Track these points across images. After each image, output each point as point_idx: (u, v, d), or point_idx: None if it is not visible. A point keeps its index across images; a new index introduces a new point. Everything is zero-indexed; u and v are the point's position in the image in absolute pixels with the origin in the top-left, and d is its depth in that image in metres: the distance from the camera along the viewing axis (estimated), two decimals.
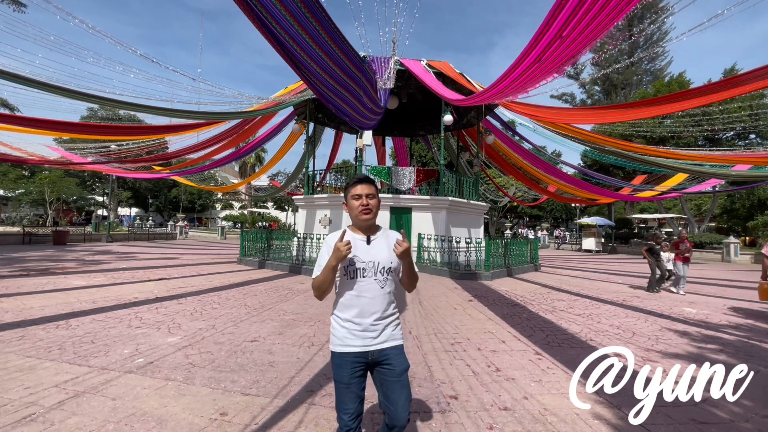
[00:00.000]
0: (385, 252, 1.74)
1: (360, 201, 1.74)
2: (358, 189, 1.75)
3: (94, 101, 7.61)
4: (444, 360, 3.88)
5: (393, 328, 1.77)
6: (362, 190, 1.74)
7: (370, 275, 1.72)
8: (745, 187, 21.10)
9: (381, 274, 1.72)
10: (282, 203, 44.06)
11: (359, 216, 1.75)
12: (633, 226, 31.10)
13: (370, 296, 1.71)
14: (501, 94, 7.55)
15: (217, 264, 11.87)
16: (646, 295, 8.44)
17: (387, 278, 1.74)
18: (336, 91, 6.47)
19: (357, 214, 1.75)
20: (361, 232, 1.79)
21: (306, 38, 4.71)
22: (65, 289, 6.91)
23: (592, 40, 4.55)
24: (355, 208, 1.75)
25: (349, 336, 1.70)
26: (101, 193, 37.73)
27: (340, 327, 1.74)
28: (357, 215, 1.76)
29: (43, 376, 3.15)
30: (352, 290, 1.72)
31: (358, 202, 1.74)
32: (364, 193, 1.74)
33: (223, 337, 4.36)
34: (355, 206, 1.75)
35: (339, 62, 5.57)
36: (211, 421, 2.53)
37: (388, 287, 1.75)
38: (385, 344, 1.72)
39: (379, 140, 18.37)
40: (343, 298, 1.75)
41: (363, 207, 1.73)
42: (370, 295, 1.71)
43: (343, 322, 1.73)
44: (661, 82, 28.92)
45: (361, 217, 1.74)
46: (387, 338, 1.73)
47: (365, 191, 1.74)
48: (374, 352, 1.71)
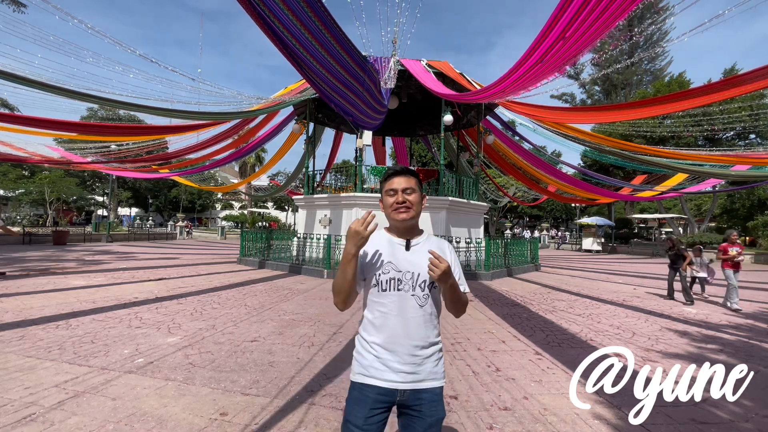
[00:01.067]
0: (427, 262, 1.35)
1: (395, 198, 1.41)
2: (394, 183, 1.42)
3: (94, 101, 7.61)
4: (444, 360, 3.87)
5: (435, 363, 1.38)
6: (398, 184, 1.41)
7: (407, 289, 1.36)
8: (745, 187, 21.12)
9: (421, 289, 1.37)
10: (282, 203, 44.06)
11: (393, 215, 1.42)
12: (633, 226, 31.12)
13: (406, 317, 1.35)
14: (502, 94, 7.55)
15: (217, 264, 11.87)
16: (646, 295, 8.44)
17: (428, 295, 1.38)
18: (339, 91, 6.47)
19: (390, 212, 1.42)
20: (399, 234, 1.46)
21: (309, 39, 4.71)
22: (65, 289, 6.91)
23: (594, 40, 4.55)
24: (390, 205, 1.42)
25: (377, 365, 1.33)
26: (101, 193, 37.74)
27: (366, 352, 1.37)
28: (390, 214, 1.43)
29: (43, 376, 3.15)
30: (383, 307, 1.36)
31: (392, 198, 1.41)
32: (401, 188, 1.40)
33: (223, 337, 4.36)
34: (389, 203, 1.42)
35: (343, 62, 5.57)
36: (211, 421, 2.53)
37: (429, 307, 1.38)
38: (422, 384, 1.33)
39: (379, 140, 18.36)
40: (371, 314, 1.39)
41: (398, 204, 1.40)
42: (406, 315, 1.35)
43: (369, 347, 1.36)
44: (661, 82, 28.95)
45: (395, 217, 1.41)
46: (426, 376, 1.35)
47: (402, 185, 1.40)
48: (406, 393, 1.32)
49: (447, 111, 11.20)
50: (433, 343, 1.40)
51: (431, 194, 12.42)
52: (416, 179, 1.45)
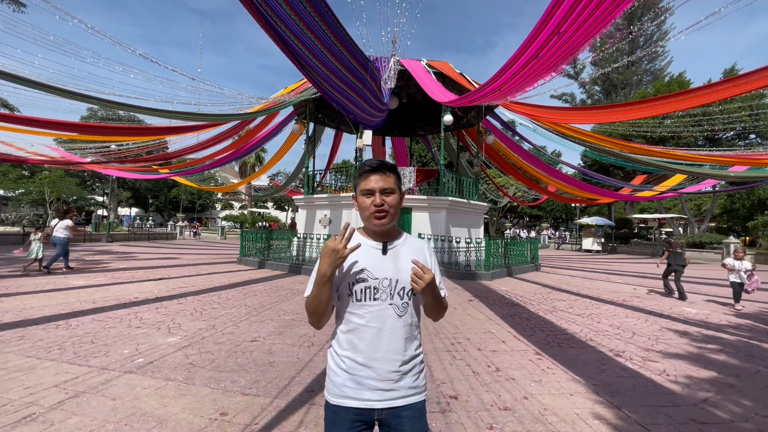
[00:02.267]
0: (406, 267, 1.24)
1: (372, 200, 1.24)
2: (370, 181, 1.24)
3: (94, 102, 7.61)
4: (444, 360, 3.88)
5: (414, 377, 1.25)
6: (376, 183, 1.24)
7: (384, 298, 1.23)
8: (745, 187, 21.13)
9: (400, 297, 1.24)
10: (282, 203, 44.07)
11: (369, 220, 1.26)
12: (633, 226, 31.12)
13: (384, 329, 1.21)
14: (498, 93, 7.50)
15: (217, 264, 11.87)
16: (645, 295, 8.44)
17: (408, 303, 1.25)
18: (341, 90, 6.49)
19: (367, 216, 1.26)
20: (375, 237, 1.31)
21: (312, 39, 4.72)
22: (65, 289, 6.91)
23: (590, 38, 4.56)
24: (366, 208, 1.25)
25: (349, 384, 1.20)
26: (101, 193, 37.75)
27: (338, 369, 1.24)
28: (367, 218, 1.26)
29: (43, 376, 3.15)
30: (358, 318, 1.23)
31: (369, 200, 1.24)
32: (378, 187, 1.23)
33: (223, 337, 4.36)
34: (365, 205, 1.25)
35: (345, 62, 5.58)
36: (211, 421, 2.53)
37: (409, 317, 1.26)
38: (400, 401, 1.21)
39: (379, 140, 18.36)
40: (345, 327, 1.25)
41: (376, 207, 1.23)
42: (383, 328, 1.21)
43: (342, 362, 1.23)
44: (661, 82, 28.95)
45: (372, 222, 1.25)
46: (405, 393, 1.22)
47: (380, 184, 1.24)
48: (384, 411, 1.20)
49: (447, 111, 11.20)
50: (414, 356, 1.26)
51: (431, 194, 12.43)
52: (395, 176, 1.28)
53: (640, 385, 3.36)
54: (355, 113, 8.12)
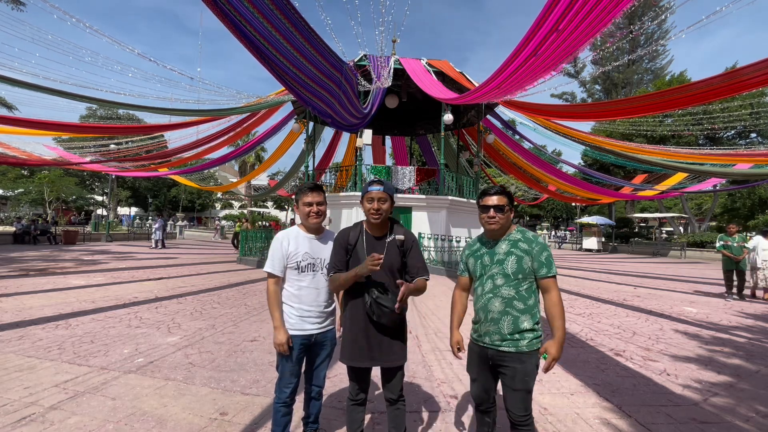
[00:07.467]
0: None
1: (311, 208, 2.10)
2: (308, 197, 2.09)
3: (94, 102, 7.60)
4: (444, 359, 3.87)
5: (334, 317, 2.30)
6: (313, 198, 2.09)
7: (317, 270, 2.16)
8: (745, 186, 21.07)
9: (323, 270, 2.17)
10: (282, 203, 44.04)
11: (308, 220, 2.13)
12: (634, 226, 31.08)
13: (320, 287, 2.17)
14: (498, 90, 7.47)
15: (216, 263, 11.87)
16: (646, 294, 8.43)
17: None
18: (313, 90, 6.36)
19: (304, 218, 2.15)
20: (309, 231, 2.18)
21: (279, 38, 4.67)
22: (64, 289, 6.90)
23: (589, 36, 4.54)
24: (305, 213, 2.13)
25: (292, 318, 2.19)
26: (101, 192, 37.71)
27: (290, 311, 2.20)
28: (305, 219, 2.15)
29: (43, 376, 3.14)
30: (303, 282, 2.14)
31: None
32: (315, 201, 2.09)
33: (223, 337, 4.36)
34: (306, 212, 2.12)
35: (316, 63, 5.53)
36: (211, 420, 2.52)
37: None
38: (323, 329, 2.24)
39: (379, 140, 18.34)
40: (293, 288, 2.15)
41: (313, 213, 2.12)
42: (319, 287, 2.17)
43: (289, 309, 2.18)
44: (662, 81, 28.90)
45: (310, 222, 2.13)
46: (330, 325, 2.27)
47: (316, 199, 2.10)
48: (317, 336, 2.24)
49: (447, 110, 11.19)
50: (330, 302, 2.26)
51: (431, 194, 12.41)
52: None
53: (641, 384, 3.35)
54: (331, 116, 8.02)
